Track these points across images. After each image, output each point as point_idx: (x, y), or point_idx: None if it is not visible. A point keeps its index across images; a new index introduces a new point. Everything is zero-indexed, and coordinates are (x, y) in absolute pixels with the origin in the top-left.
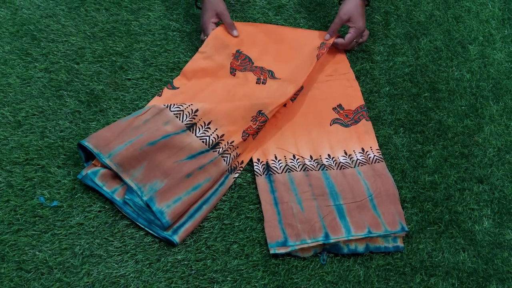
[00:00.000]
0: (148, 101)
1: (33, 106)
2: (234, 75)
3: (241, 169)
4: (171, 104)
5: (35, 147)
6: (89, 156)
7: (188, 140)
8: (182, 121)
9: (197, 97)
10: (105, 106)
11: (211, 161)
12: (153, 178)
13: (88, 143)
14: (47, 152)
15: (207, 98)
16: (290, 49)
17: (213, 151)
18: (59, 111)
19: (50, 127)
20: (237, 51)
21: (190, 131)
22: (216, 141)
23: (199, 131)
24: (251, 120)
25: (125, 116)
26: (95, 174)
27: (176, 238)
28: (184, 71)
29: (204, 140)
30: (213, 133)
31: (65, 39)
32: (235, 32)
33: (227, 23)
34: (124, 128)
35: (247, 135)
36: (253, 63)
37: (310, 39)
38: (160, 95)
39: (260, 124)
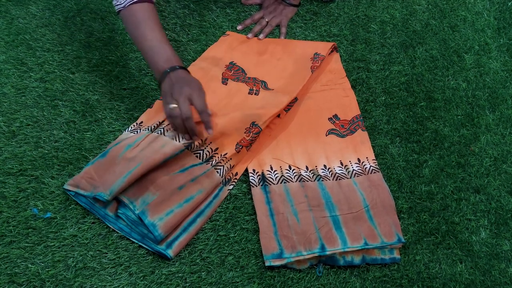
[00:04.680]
0: (143, 111)
1: (28, 116)
2: (226, 84)
3: (236, 180)
4: (164, 130)
5: (29, 158)
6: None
7: (182, 157)
8: (180, 142)
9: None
10: (100, 116)
11: (204, 173)
12: (145, 191)
13: (94, 193)
14: (41, 162)
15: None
16: (284, 60)
17: (206, 164)
18: (53, 121)
19: (44, 137)
20: (231, 62)
21: (189, 149)
22: (210, 154)
23: (195, 148)
24: (245, 132)
25: (120, 127)
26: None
27: (170, 253)
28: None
29: (198, 154)
30: (207, 146)
31: (61, 48)
32: (210, 131)
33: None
34: (122, 164)
35: (240, 147)
36: (246, 74)
37: (303, 50)
38: (151, 107)
39: (254, 136)
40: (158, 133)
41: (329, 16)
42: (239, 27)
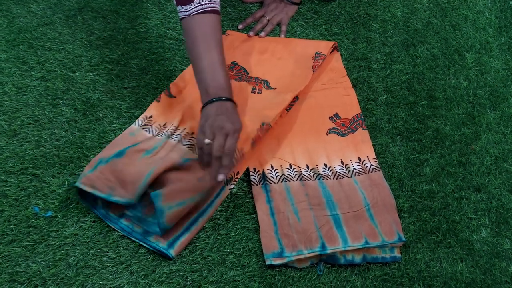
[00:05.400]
0: (144, 110)
1: (29, 115)
2: None
3: (237, 179)
4: (182, 138)
5: (30, 156)
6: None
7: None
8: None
9: (194, 106)
10: (101, 114)
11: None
12: (168, 184)
13: (115, 197)
14: (42, 161)
15: None
16: (285, 60)
17: None
18: (54, 120)
19: (45, 136)
20: (232, 62)
21: None
22: None
23: None
24: (257, 132)
25: (121, 126)
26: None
27: (172, 252)
28: (181, 77)
29: None
30: None
31: (62, 47)
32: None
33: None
34: (140, 164)
35: (253, 143)
36: (248, 73)
37: (304, 49)
38: (158, 101)
39: (265, 133)
40: (175, 140)
41: (330, 15)
42: (240, 26)
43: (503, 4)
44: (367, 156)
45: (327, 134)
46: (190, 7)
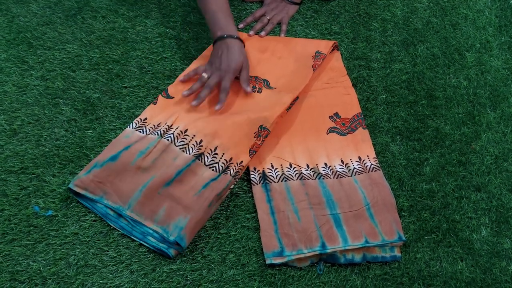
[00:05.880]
0: (144, 109)
1: (29, 114)
2: None
3: (237, 181)
4: (174, 137)
5: (30, 156)
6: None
7: (199, 172)
8: (190, 154)
9: (191, 106)
10: (101, 114)
11: (227, 186)
12: (175, 215)
13: (107, 201)
14: (42, 160)
15: (203, 109)
16: (285, 59)
17: (224, 174)
18: (54, 119)
19: (45, 135)
20: None
21: (199, 160)
22: (226, 165)
23: (208, 159)
24: (255, 137)
25: (121, 125)
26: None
27: (172, 252)
28: (180, 78)
29: (214, 168)
30: (221, 158)
31: (62, 46)
32: (248, 89)
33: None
34: (134, 172)
35: (254, 153)
36: None
37: (304, 48)
38: (155, 103)
39: (264, 139)
40: (168, 139)
41: (330, 14)
42: (240, 25)
43: (503, 3)
44: (367, 156)
45: (327, 134)
46: None
